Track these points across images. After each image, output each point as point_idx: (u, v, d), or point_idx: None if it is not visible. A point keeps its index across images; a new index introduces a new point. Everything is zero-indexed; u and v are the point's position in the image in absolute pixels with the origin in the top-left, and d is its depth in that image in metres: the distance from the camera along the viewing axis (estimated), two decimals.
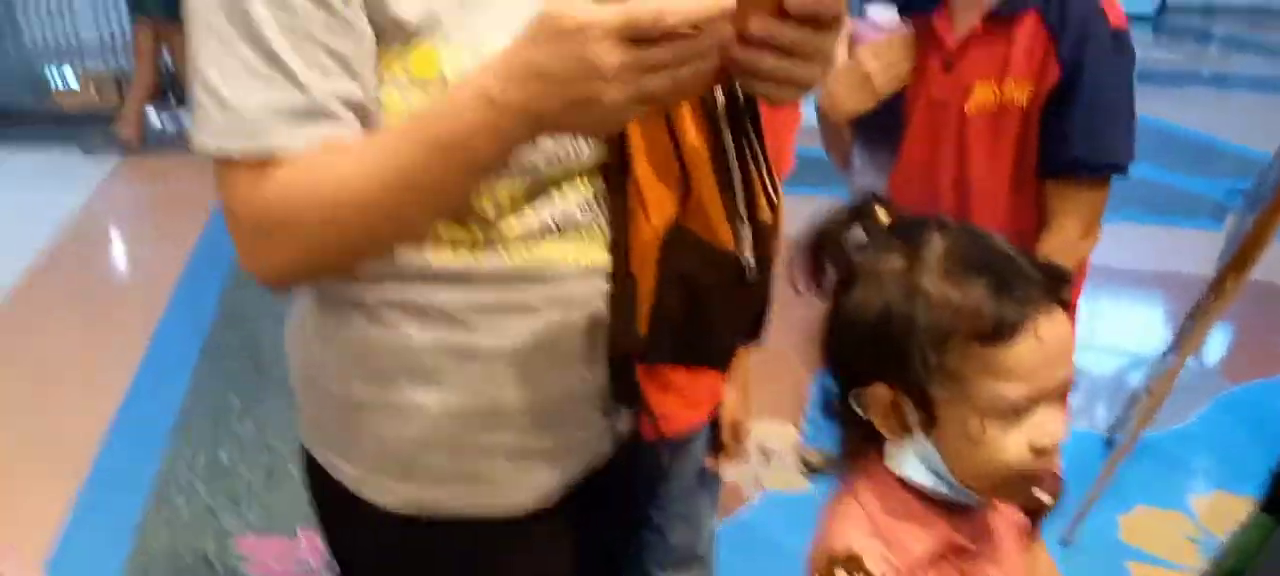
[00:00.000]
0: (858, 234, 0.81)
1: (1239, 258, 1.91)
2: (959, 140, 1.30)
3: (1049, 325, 0.74)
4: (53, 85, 5.68)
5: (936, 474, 0.79)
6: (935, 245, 0.77)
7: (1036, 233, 1.33)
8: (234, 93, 0.68)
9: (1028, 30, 1.26)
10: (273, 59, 0.68)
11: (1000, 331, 0.72)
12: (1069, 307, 0.77)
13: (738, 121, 0.86)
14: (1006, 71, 1.27)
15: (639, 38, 0.60)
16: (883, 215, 0.81)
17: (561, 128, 0.66)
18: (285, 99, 0.68)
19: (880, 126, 1.35)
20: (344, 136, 0.70)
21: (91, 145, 4.73)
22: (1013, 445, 0.75)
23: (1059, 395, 0.76)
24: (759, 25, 0.65)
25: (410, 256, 0.77)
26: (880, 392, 0.78)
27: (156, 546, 2.08)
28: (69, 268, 3.63)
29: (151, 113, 5.06)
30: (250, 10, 0.67)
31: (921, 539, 0.80)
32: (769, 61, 0.67)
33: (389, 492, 0.86)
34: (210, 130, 0.70)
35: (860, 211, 0.81)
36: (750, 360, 1.37)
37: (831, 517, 0.83)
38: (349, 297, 0.82)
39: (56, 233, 3.84)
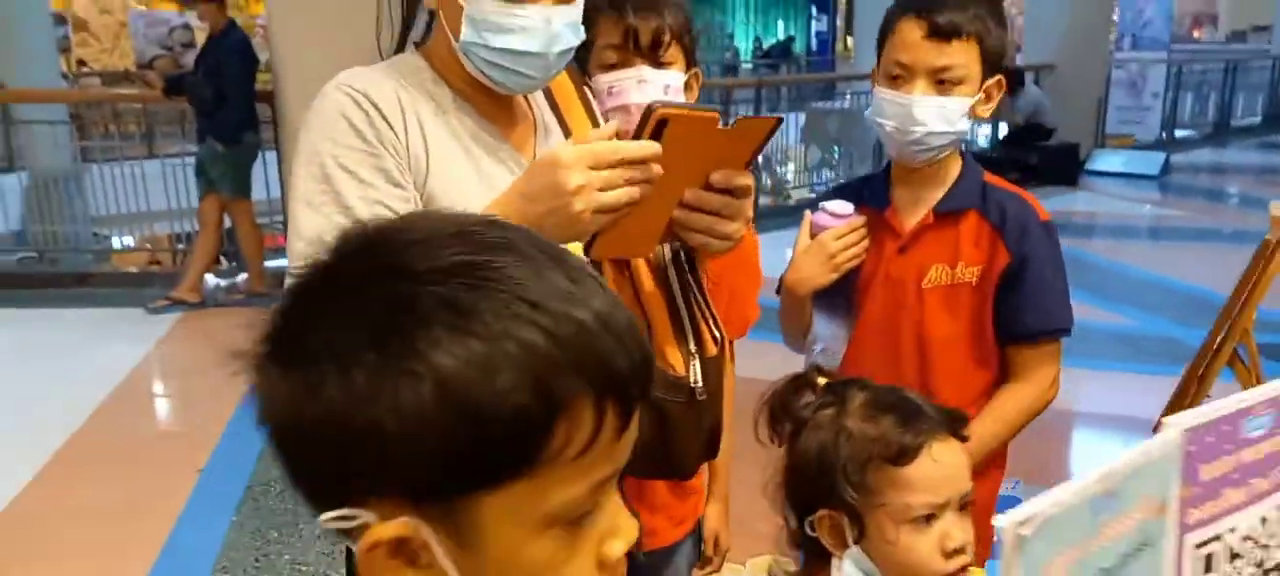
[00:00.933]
0: (804, 397, 1.06)
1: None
2: (917, 310, 1.47)
3: (943, 449, 0.98)
4: (116, 248, 6.21)
5: None
6: (856, 397, 1.02)
7: (995, 384, 1.50)
8: (319, 231, 0.97)
9: (971, 225, 1.45)
10: (351, 217, 0.97)
11: (903, 454, 0.96)
12: (963, 439, 1.01)
13: (682, 275, 1.13)
14: (957, 257, 1.45)
15: (594, 165, 0.88)
16: (820, 381, 1.06)
17: (546, 236, 0.94)
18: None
19: (835, 299, 1.52)
20: None
21: (152, 306, 5.13)
22: (924, 546, 0.97)
23: (960, 506, 0.99)
24: (691, 194, 0.93)
25: None
26: (824, 516, 1.01)
27: None
28: (128, 414, 3.93)
29: (209, 276, 5.48)
30: (336, 183, 0.97)
31: None
32: (700, 221, 0.95)
33: None
34: (301, 257, 0.98)
35: (803, 380, 1.07)
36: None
37: None
38: None
39: (118, 382, 4.16)
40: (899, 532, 0.97)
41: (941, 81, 1.33)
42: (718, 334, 1.12)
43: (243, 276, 5.47)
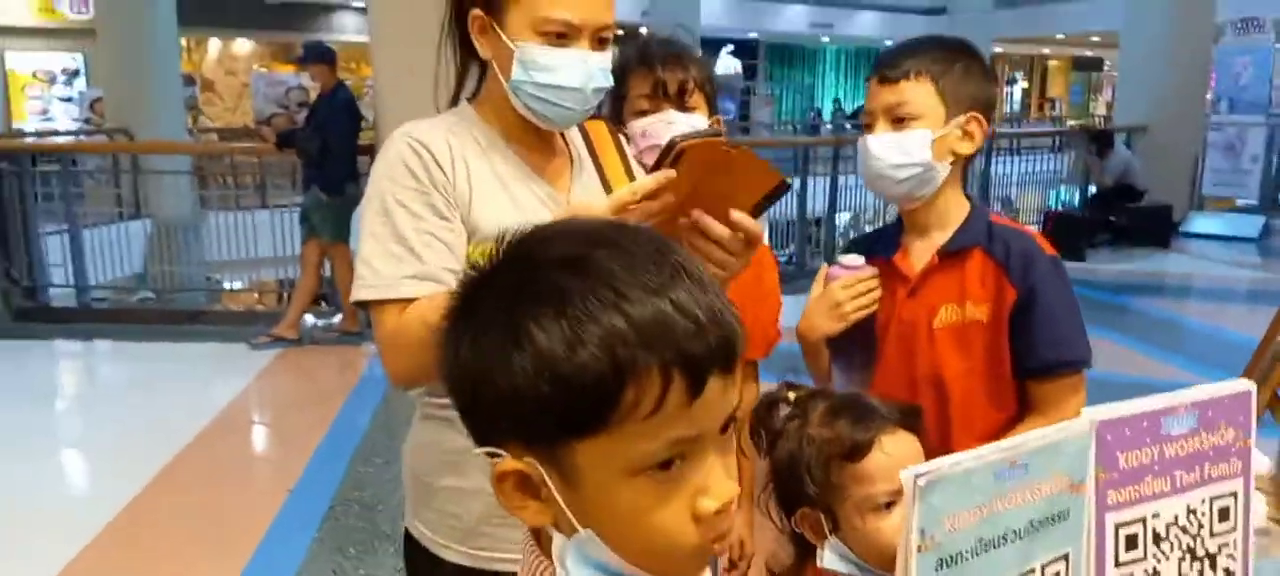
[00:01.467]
0: (778, 411, 1.18)
1: None
2: (930, 350, 1.52)
3: (893, 441, 1.09)
4: (226, 288, 6.69)
5: (851, 563, 1.11)
6: (817, 405, 1.14)
7: (1017, 417, 1.52)
8: (382, 265, 1.17)
9: (976, 263, 1.49)
10: (404, 244, 1.16)
11: (856, 449, 1.08)
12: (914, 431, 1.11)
13: None
14: (965, 295, 1.49)
15: (618, 209, 1.06)
16: (790, 395, 1.18)
17: None
18: (411, 268, 1.16)
19: (851, 346, 1.57)
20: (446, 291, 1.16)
21: (255, 343, 5.49)
22: (890, 529, 1.07)
23: None
24: (700, 217, 1.08)
25: None
26: (804, 513, 1.13)
27: None
28: (227, 438, 4.25)
29: (307, 316, 5.84)
30: (395, 219, 1.17)
31: None
32: (703, 244, 1.10)
33: (451, 551, 1.24)
34: (365, 288, 1.18)
35: (775, 396, 1.19)
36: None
37: None
38: (434, 410, 1.24)
39: (219, 411, 4.49)
40: (865, 520, 1.08)
41: (897, 119, 1.42)
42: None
43: (338, 317, 5.81)
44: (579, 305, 0.58)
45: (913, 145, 1.42)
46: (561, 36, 1.19)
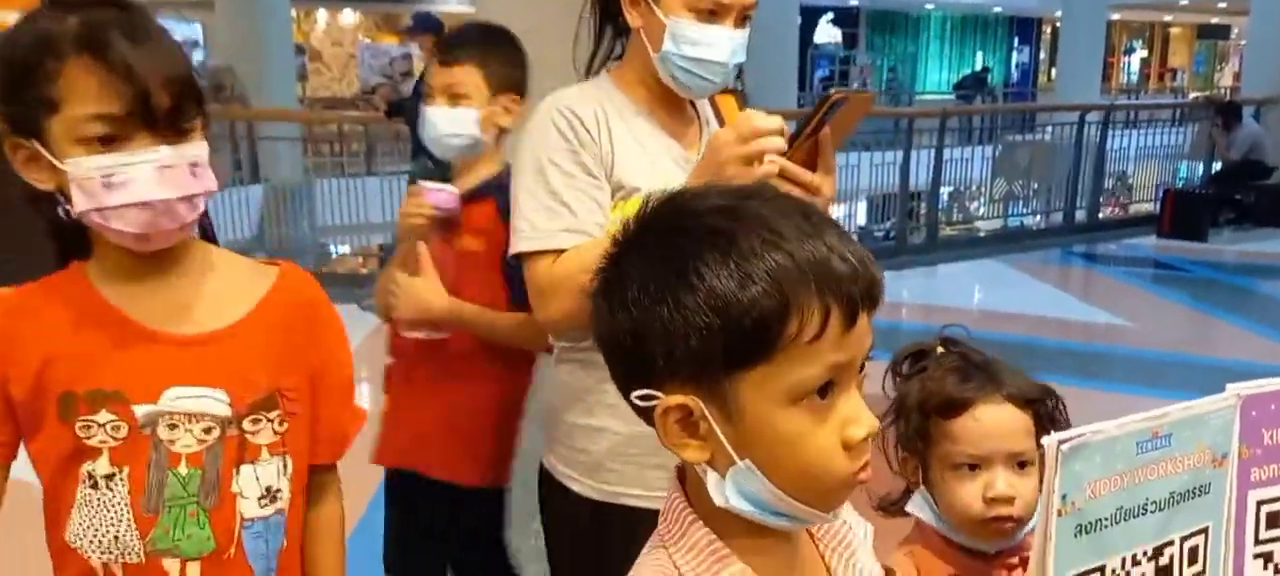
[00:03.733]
0: (923, 359, 1.20)
1: None
2: (456, 268, 1.74)
3: (991, 410, 1.09)
4: (333, 254, 6.98)
5: (933, 513, 1.13)
6: (947, 359, 1.15)
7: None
8: (539, 219, 1.25)
9: (488, 209, 1.69)
10: (558, 199, 1.25)
11: (949, 406, 1.10)
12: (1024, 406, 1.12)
13: None
14: (468, 229, 1.72)
15: (739, 136, 1.15)
16: (939, 349, 1.20)
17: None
18: (565, 221, 1.24)
19: None
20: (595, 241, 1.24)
21: (366, 303, 5.72)
22: (967, 492, 1.09)
23: (1017, 464, 1.09)
24: (801, 175, 1.13)
25: None
26: (905, 456, 1.16)
27: None
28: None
29: None
30: (549, 178, 1.26)
31: (937, 567, 1.14)
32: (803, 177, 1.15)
33: (579, 483, 1.31)
34: (523, 240, 1.27)
35: (927, 347, 1.20)
36: None
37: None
38: (569, 354, 1.32)
39: None
40: (946, 477, 1.11)
41: (452, 96, 1.70)
42: None
43: None
44: (744, 246, 0.64)
45: (464, 121, 1.70)
46: (712, 13, 1.28)
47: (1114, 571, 0.75)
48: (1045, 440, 0.72)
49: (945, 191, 8.45)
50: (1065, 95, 11.79)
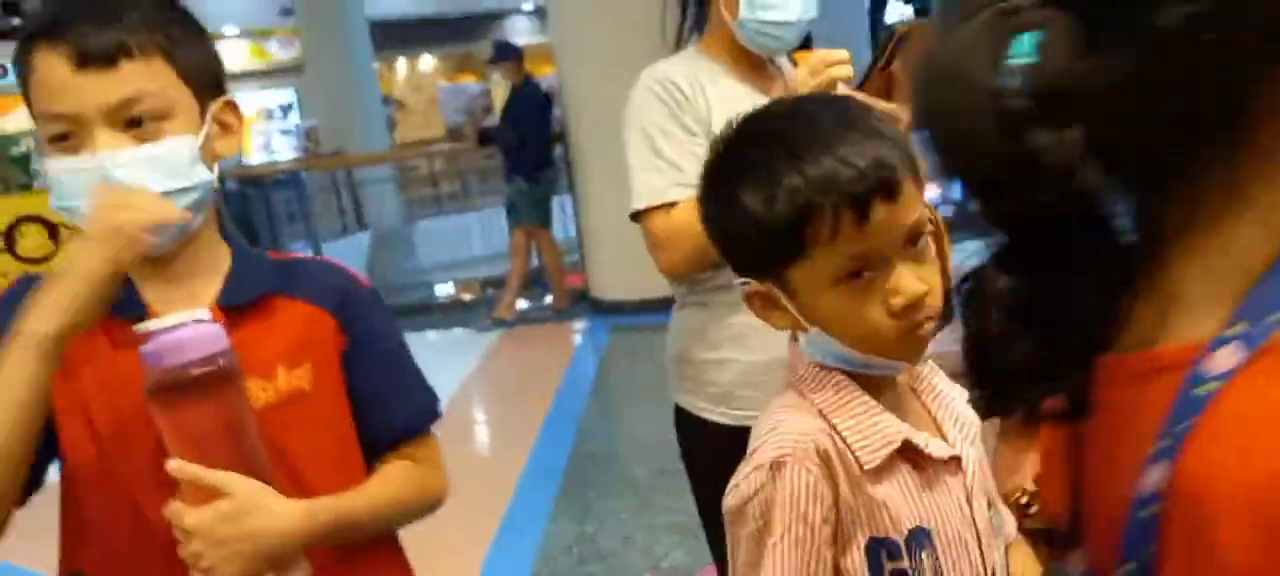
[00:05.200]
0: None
1: None
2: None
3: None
4: (434, 288, 7.39)
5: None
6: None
7: None
8: (650, 178, 1.41)
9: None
10: (664, 159, 1.41)
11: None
12: None
13: None
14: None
15: (810, 70, 1.38)
16: None
17: None
18: (673, 177, 1.39)
19: None
20: None
21: (479, 325, 6.01)
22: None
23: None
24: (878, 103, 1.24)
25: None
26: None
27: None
28: (467, 410, 4.73)
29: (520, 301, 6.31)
30: (655, 142, 1.41)
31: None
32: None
33: (713, 412, 1.46)
34: (639, 199, 1.42)
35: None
36: None
37: (1010, 460, 1.24)
38: (689, 299, 1.46)
39: (458, 386, 4.98)
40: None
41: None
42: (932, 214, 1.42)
43: (548, 298, 6.25)
44: (766, 172, 0.81)
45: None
46: None
47: None
48: None
49: None
50: None
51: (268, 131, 14.37)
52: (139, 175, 0.89)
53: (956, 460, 0.87)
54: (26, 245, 5.88)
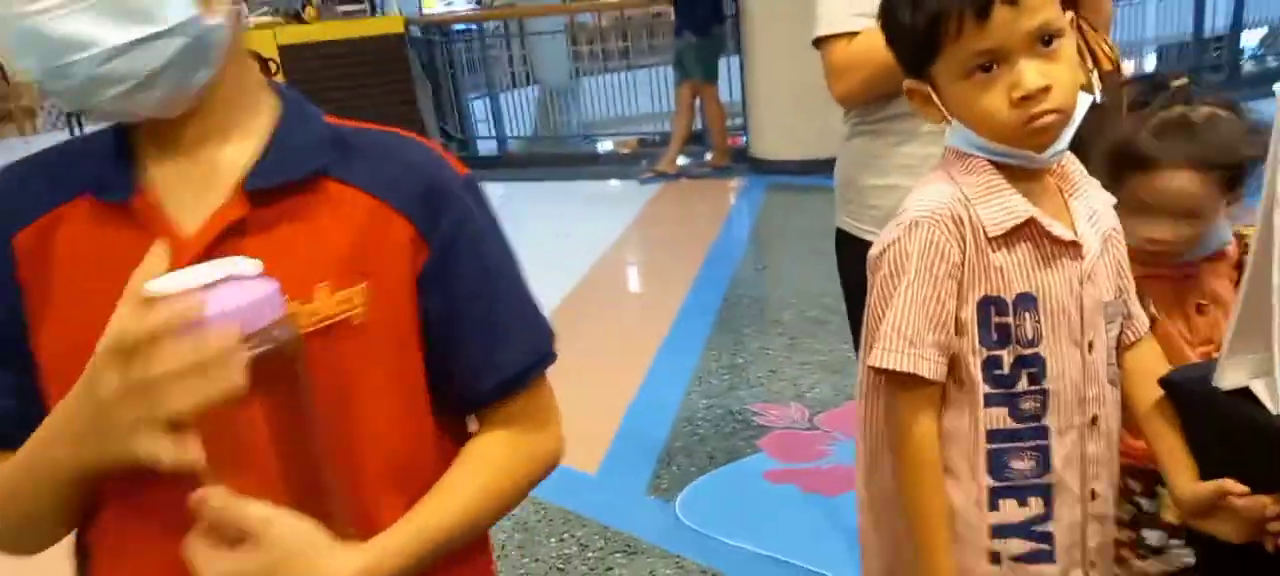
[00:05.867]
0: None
1: None
2: None
3: (1172, 177, 1.16)
4: (596, 143, 7.68)
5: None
6: (1176, 108, 1.19)
7: None
8: (833, 5, 1.52)
9: None
10: None
11: (1136, 160, 1.18)
12: None
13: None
14: None
15: None
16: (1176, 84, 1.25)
17: None
18: (855, 7, 1.48)
19: None
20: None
21: (642, 178, 6.24)
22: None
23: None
24: None
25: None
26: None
27: (697, 406, 3.04)
28: (631, 253, 5.05)
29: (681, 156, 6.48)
30: None
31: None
32: None
33: (875, 235, 1.58)
34: (821, 26, 1.54)
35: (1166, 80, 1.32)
36: None
37: None
38: (859, 127, 1.59)
39: (622, 232, 5.27)
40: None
41: None
42: (1111, 52, 1.45)
43: (709, 155, 6.39)
44: None
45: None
46: None
47: None
48: (1277, 87, 0.90)
49: (1251, 36, 7.51)
50: None
51: None
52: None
53: (1077, 245, 0.99)
54: None
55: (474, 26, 8.63)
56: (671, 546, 2.32)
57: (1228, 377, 0.98)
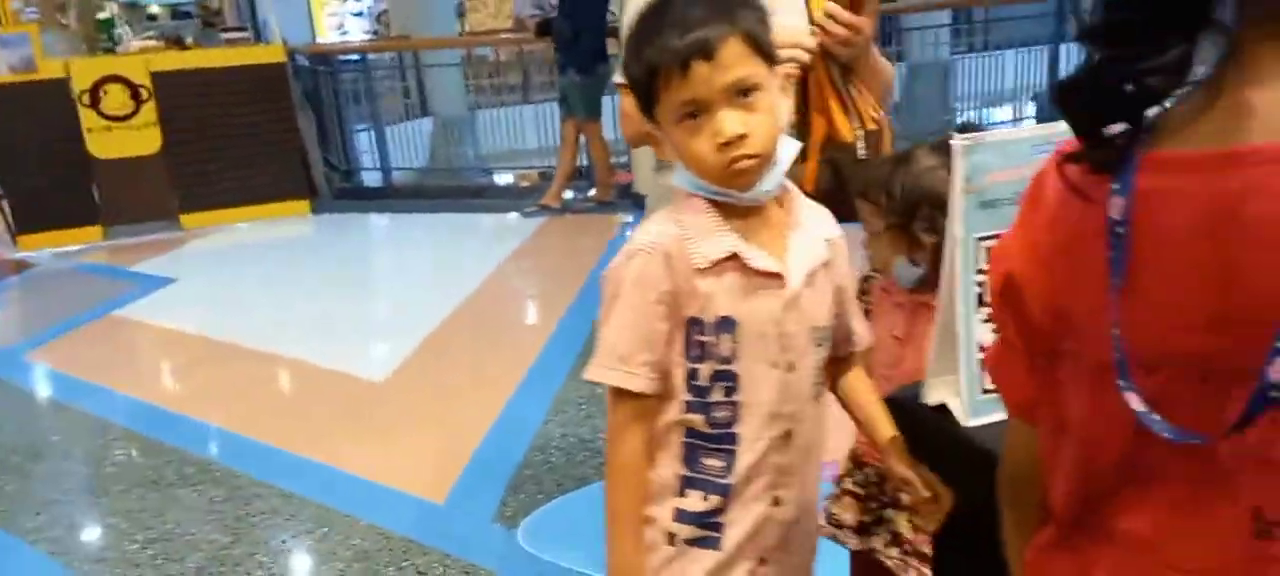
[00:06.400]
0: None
1: None
2: None
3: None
4: (493, 175, 7.72)
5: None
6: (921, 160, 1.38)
7: None
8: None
9: None
10: None
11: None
12: None
13: (846, 81, 1.60)
14: None
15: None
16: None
17: None
18: None
19: None
20: None
21: (526, 211, 6.31)
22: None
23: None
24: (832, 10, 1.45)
25: None
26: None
27: (553, 434, 3.11)
28: (508, 284, 5.10)
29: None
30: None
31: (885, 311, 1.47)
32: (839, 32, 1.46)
33: None
34: (616, 75, 1.61)
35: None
36: None
37: None
38: (663, 165, 1.70)
39: (501, 262, 5.32)
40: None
41: None
42: (876, 115, 1.59)
43: (593, 190, 6.50)
44: (641, 39, 1.09)
45: None
46: None
47: None
48: (954, 141, 1.04)
49: None
50: None
51: (341, 13, 14.62)
52: None
53: (780, 277, 1.11)
54: (110, 104, 6.36)
55: (361, 57, 8.59)
56: (509, 574, 2.37)
57: (932, 395, 1.12)
